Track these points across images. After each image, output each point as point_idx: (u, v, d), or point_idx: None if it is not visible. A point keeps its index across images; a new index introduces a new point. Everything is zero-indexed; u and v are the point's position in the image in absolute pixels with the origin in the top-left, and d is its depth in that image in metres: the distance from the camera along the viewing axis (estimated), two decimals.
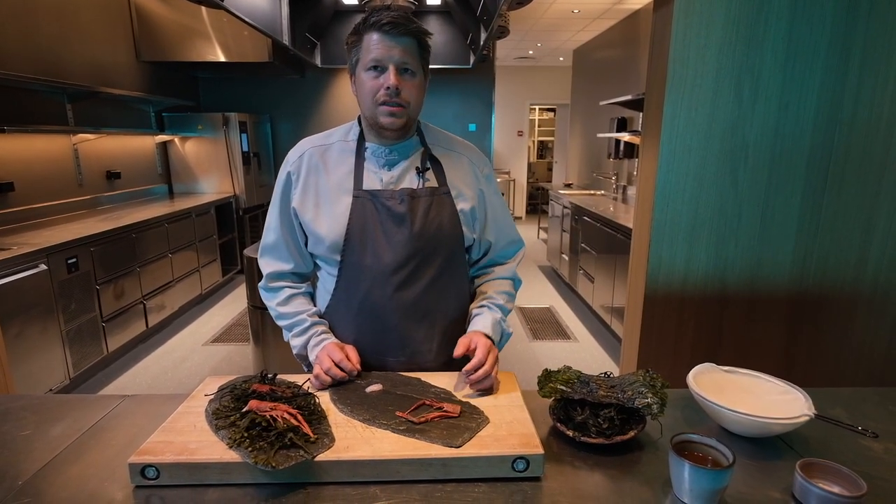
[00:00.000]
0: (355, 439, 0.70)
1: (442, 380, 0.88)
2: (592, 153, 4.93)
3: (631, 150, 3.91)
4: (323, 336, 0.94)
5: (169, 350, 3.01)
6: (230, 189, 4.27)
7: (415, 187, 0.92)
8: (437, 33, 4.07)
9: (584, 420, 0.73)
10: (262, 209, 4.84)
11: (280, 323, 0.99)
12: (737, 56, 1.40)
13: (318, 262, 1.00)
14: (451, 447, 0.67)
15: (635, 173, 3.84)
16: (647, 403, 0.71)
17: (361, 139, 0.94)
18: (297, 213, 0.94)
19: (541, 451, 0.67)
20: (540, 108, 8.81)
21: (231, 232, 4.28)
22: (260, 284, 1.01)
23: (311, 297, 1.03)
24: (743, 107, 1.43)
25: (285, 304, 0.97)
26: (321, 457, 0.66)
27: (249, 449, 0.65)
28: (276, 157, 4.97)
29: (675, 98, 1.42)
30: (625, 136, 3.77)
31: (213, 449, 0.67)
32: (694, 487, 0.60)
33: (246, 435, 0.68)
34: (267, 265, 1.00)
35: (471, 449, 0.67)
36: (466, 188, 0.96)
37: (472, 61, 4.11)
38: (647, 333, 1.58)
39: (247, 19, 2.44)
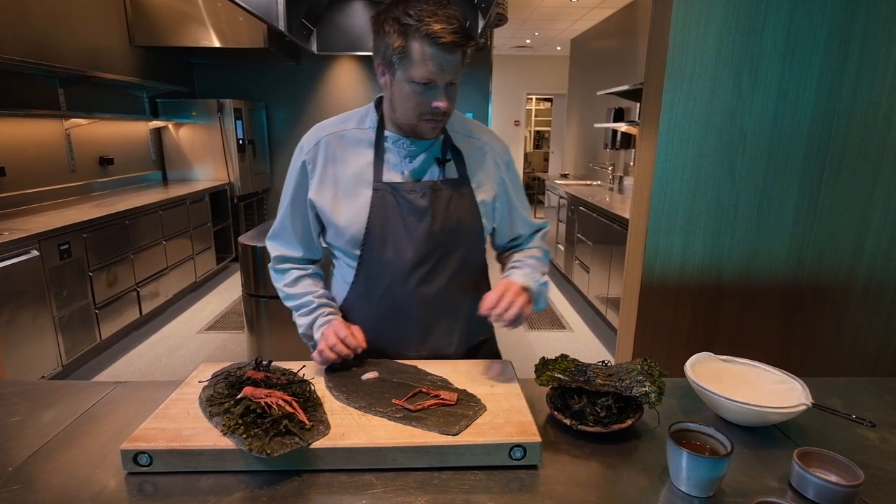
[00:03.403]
0: (351, 427, 0.69)
1: (438, 367, 0.87)
2: (589, 143, 4.91)
3: (628, 141, 3.89)
4: (329, 316, 0.93)
5: (163, 337, 3.00)
6: (225, 176, 4.22)
7: (436, 179, 0.89)
8: None
9: (581, 408, 0.73)
10: (257, 197, 4.79)
11: (287, 304, 0.98)
12: (736, 45, 1.38)
13: (334, 252, 0.98)
14: (448, 435, 0.67)
15: (632, 164, 3.83)
16: (644, 392, 0.71)
17: (380, 127, 0.90)
18: (314, 204, 0.92)
19: (538, 439, 0.67)
20: (537, 98, 8.75)
21: (226, 220, 4.24)
22: (269, 266, 1.00)
23: (320, 278, 1.01)
24: (741, 96, 1.42)
25: (293, 286, 0.97)
26: (316, 444, 0.65)
27: (244, 436, 0.65)
28: (271, 145, 4.92)
29: (674, 87, 1.41)
30: (622, 127, 3.75)
31: (207, 436, 0.67)
32: (692, 476, 0.60)
33: (240, 422, 0.67)
34: (276, 249, 0.99)
35: (467, 437, 0.67)
36: (487, 178, 0.94)
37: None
38: (643, 323, 1.58)
39: (242, 4, 2.39)
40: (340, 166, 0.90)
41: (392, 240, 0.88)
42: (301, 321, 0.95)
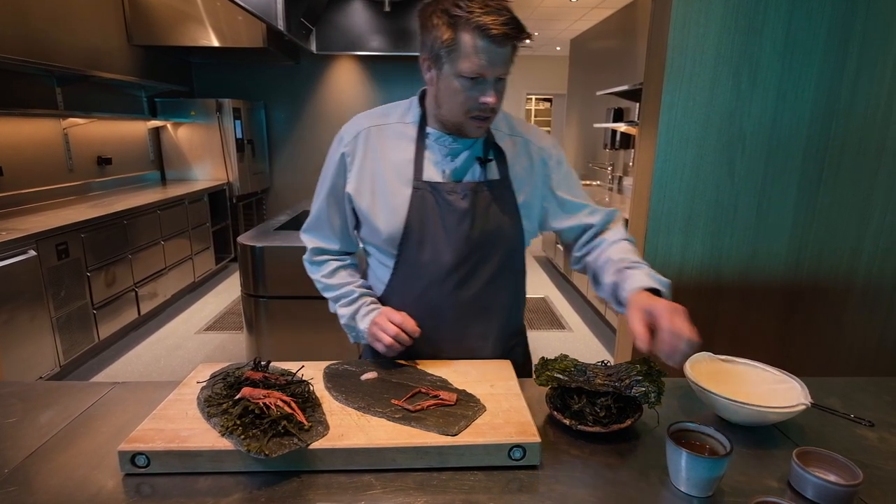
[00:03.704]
0: (350, 427, 0.69)
1: (438, 367, 0.87)
2: (588, 143, 4.91)
3: (627, 141, 3.89)
4: (373, 306, 0.92)
5: (161, 338, 2.99)
6: (224, 176, 4.21)
7: (477, 179, 0.86)
8: None
9: (580, 408, 0.73)
10: (256, 197, 4.79)
11: (326, 294, 0.97)
12: (735, 45, 1.38)
13: (368, 249, 0.96)
14: (447, 435, 0.67)
15: (631, 164, 3.83)
16: (644, 392, 0.71)
17: (422, 123, 0.87)
18: (351, 198, 0.89)
19: (537, 439, 0.66)
20: (536, 98, 8.75)
21: (224, 219, 4.24)
22: (304, 258, 0.99)
23: (357, 268, 1.00)
24: (741, 96, 1.42)
25: (331, 277, 0.95)
26: (315, 445, 0.65)
27: (242, 437, 0.64)
28: (270, 145, 4.91)
29: (673, 87, 1.41)
30: (621, 127, 3.75)
31: (205, 436, 0.66)
32: (691, 476, 0.60)
33: (238, 422, 0.67)
34: (311, 242, 0.97)
35: (467, 437, 0.67)
36: (529, 178, 0.90)
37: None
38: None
39: (241, 3, 2.39)
40: (380, 161, 0.87)
41: (430, 242, 0.86)
42: (343, 311, 0.94)
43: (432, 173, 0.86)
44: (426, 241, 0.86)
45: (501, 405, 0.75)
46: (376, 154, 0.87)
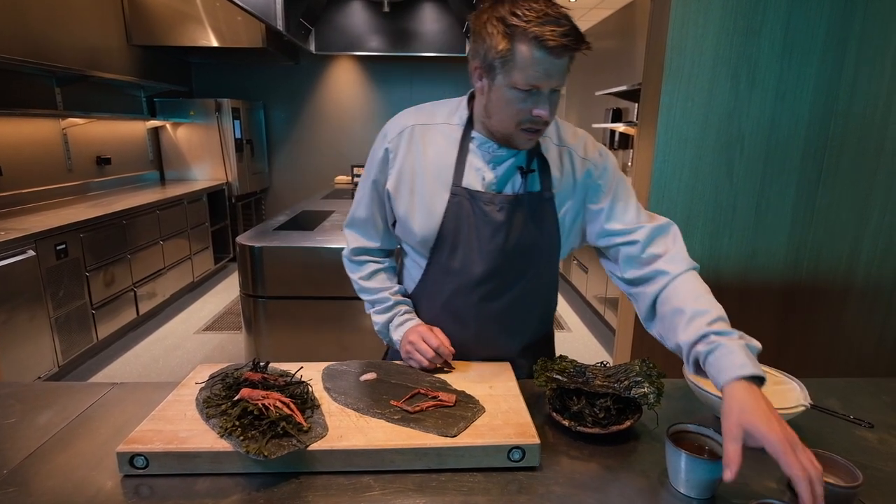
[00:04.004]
0: (349, 428, 0.69)
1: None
2: None
3: (625, 141, 3.90)
4: (406, 317, 0.92)
5: (160, 338, 2.98)
6: (223, 176, 4.21)
7: (516, 191, 0.83)
8: (432, 21, 4.00)
9: (580, 409, 0.73)
10: (255, 196, 4.79)
11: (362, 295, 0.98)
12: (734, 45, 1.38)
13: (404, 247, 0.95)
14: (447, 437, 0.67)
15: (629, 164, 3.84)
16: (643, 393, 0.71)
17: (468, 126, 0.84)
18: (390, 195, 0.88)
19: (537, 440, 0.66)
20: None
21: (223, 219, 4.23)
22: (344, 254, 0.99)
23: (394, 272, 1.00)
24: (739, 97, 1.42)
25: (369, 280, 0.96)
26: (314, 446, 0.65)
27: (241, 438, 0.64)
28: (269, 145, 4.91)
29: (672, 88, 1.41)
30: (619, 127, 3.75)
31: (204, 438, 0.66)
32: (690, 478, 0.60)
33: (237, 423, 0.66)
34: (353, 239, 0.97)
35: (466, 438, 0.67)
36: (572, 191, 0.85)
37: (467, 49, 4.06)
38: (641, 327, 1.58)
39: (240, 4, 2.39)
40: (421, 161, 0.85)
41: (462, 250, 0.84)
42: (377, 318, 0.95)
43: (472, 179, 0.83)
44: (458, 248, 0.84)
45: (500, 406, 0.75)
46: (419, 153, 0.85)
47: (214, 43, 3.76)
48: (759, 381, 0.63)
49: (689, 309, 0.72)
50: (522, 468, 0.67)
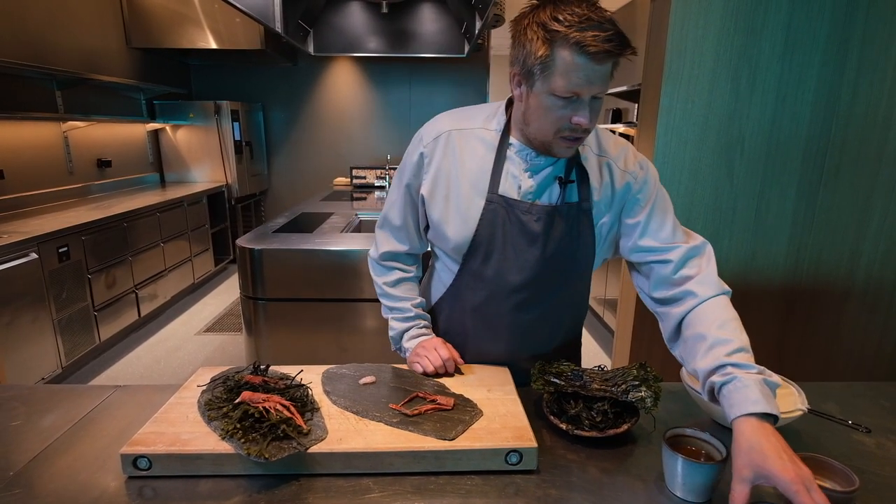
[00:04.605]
0: (348, 431, 0.70)
1: None
2: None
3: None
4: (423, 330, 0.94)
5: (161, 339, 2.99)
6: (222, 178, 4.22)
7: (554, 201, 0.81)
8: (431, 21, 4.00)
9: (577, 413, 0.73)
10: (255, 198, 4.79)
11: (383, 300, 0.98)
12: (735, 46, 1.38)
13: (436, 252, 0.95)
14: (445, 440, 0.67)
15: None
16: (640, 397, 0.71)
17: (505, 132, 0.82)
18: (424, 200, 0.87)
19: (534, 444, 0.67)
20: None
21: (223, 221, 4.24)
22: (371, 255, 0.99)
23: (418, 282, 1.01)
24: (740, 99, 1.42)
25: (394, 287, 0.97)
26: (314, 448, 0.66)
27: (242, 440, 0.65)
28: (268, 147, 4.91)
29: (672, 90, 1.41)
30: (619, 128, 3.75)
31: (206, 440, 0.67)
32: (687, 482, 0.60)
33: (238, 426, 0.67)
34: (384, 242, 0.97)
35: (464, 442, 0.67)
36: (610, 203, 0.83)
37: (466, 50, 4.06)
38: (640, 326, 1.59)
39: (238, 5, 2.39)
40: (456, 166, 0.84)
41: (496, 259, 0.83)
42: (395, 325, 0.96)
43: (509, 187, 0.82)
44: (493, 256, 0.84)
45: (498, 410, 0.75)
46: (455, 159, 0.84)
47: (213, 45, 3.77)
48: (772, 419, 0.61)
49: (712, 336, 0.71)
50: (520, 471, 0.67)
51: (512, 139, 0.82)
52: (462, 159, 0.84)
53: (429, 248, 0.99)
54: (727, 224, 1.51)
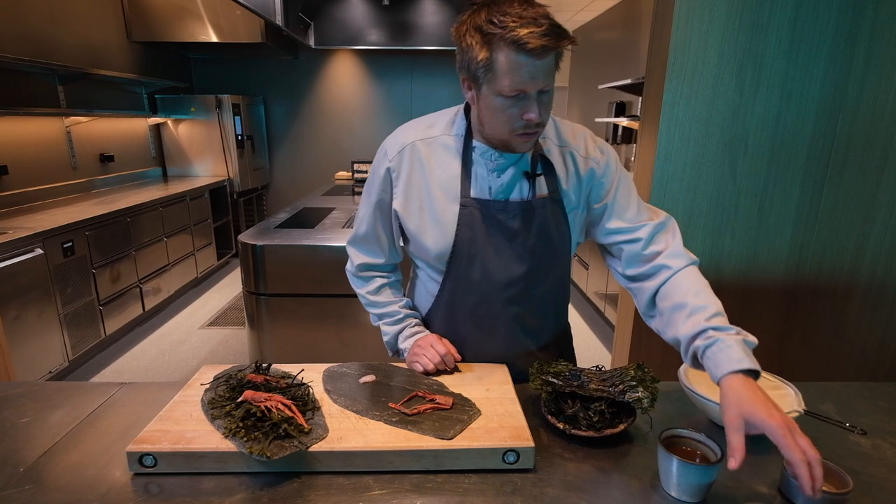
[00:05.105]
0: (348, 430, 0.71)
1: None
2: None
3: (629, 136, 3.87)
4: (416, 329, 0.94)
5: (166, 333, 3.03)
6: (224, 172, 4.22)
7: (525, 196, 0.83)
8: (432, 13, 3.96)
9: (574, 413, 0.74)
10: (257, 192, 4.80)
11: (370, 310, 0.99)
12: (740, 42, 1.37)
13: (418, 263, 0.95)
14: (443, 439, 0.68)
15: (633, 159, 3.81)
16: (637, 398, 0.72)
17: (468, 135, 0.84)
18: (398, 215, 0.88)
19: (531, 444, 0.68)
20: None
21: (225, 216, 4.26)
22: (348, 269, 1.00)
23: (401, 285, 1.02)
24: (744, 95, 1.41)
25: (376, 294, 0.97)
26: (315, 447, 0.67)
27: (245, 439, 0.66)
28: (269, 140, 4.91)
29: (675, 86, 1.40)
30: (623, 122, 3.72)
31: (209, 438, 0.68)
32: (681, 482, 0.61)
33: (241, 425, 0.68)
34: (357, 257, 0.97)
35: (462, 441, 0.68)
36: (578, 191, 0.85)
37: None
38: (641, 322, 1.59)
39: None
40: (426, 176, 0.85)
41: (480, 260, 0.85)
42: (387, 329, 0.96)
43: (480, 189, 0.84)
44: (476, 259, 0.85)
45: (496, 409, 0.76)
46: (423, 170, 0.85)
47: (214, 38, 3.75)
48: (754, 374, 0.65)
49: (689, 304, 0.74)
50: (517, 470, 0.68)
51: (475, 142, 0.83)
52: (430, 168, 0.85)
53: (401, 259, 1.00)
54: (730, 221, 1.50)
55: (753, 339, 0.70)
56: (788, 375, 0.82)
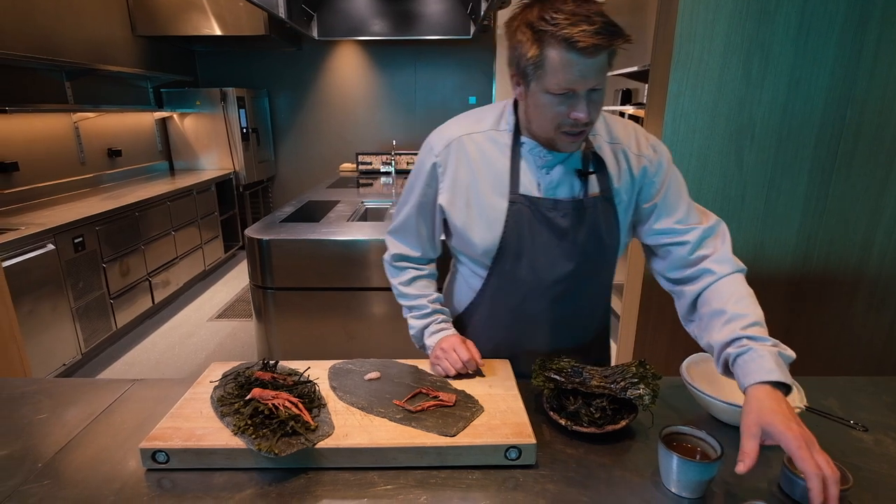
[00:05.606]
0: (354, 427, 0.72)
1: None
2: None
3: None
4: (443, 325, 0.94)
5: (175, 326, 3.08)
6: (230, 165, 4.24)
7: (577, 195, 0.82)
8: (436, 3, 3.90)
9: (576, 409, 0.75)
10: (263, 185, 4.82)
11: (400, 300, 0.99)
12: (747, 30, 1.34)
13: (460, 258, 0.95)
14: (446, 436, 0.70)
15: None
16: (638, 394, 0.72)
17: (517, 131, 0.83)
18: (444, 210, 0.87)
19: (533, 440, 0.69)
20: None
21: (232, 209, 4.29)
22: (385, 258, 0.99)
23: (434, 279, 1.01)
24: (751, 84, 1.38)
25: (408, 285, 0.96)
26: (321, 444, 0.68)
27: (253, 436, 0.68)
28: (274, 133, 4.91)
29: (681, 76, 1.38)
30: (629, 109, 3.67)
31: (219, 435, 0.70)
32: (681, 479, 0.62)
33: (250, 422, 0.70)
34: (394, 246, 0.97)
35: (465, 438, 0.70)
36: (630, 190, 0.83)
37: (472, 31, 3.97)
38: (645, 316, 1.59)
39: None
40: (474, 172, 0.84)
41: (528, 258, 0.84)
42: (414, 323, 0.96)
43: (528, 185, 0.82)
44: (524, 256, 0.84)
45: (499, 406, 0.77)
46: (470, 164, 0.84)
47: (217, 31, 3.74)
48: (785, 389, 0.63)
49: (728, 311, 0.73)
50: (519, 466, 0.69)
51: (523, 137, 0.82)
52: (478, 163, 0.83)
53: (438, 255, 0.99)
54: (736, 212, 1.49)
55: (791, 353, 0.68)
56: (793, 368, 0.82)
